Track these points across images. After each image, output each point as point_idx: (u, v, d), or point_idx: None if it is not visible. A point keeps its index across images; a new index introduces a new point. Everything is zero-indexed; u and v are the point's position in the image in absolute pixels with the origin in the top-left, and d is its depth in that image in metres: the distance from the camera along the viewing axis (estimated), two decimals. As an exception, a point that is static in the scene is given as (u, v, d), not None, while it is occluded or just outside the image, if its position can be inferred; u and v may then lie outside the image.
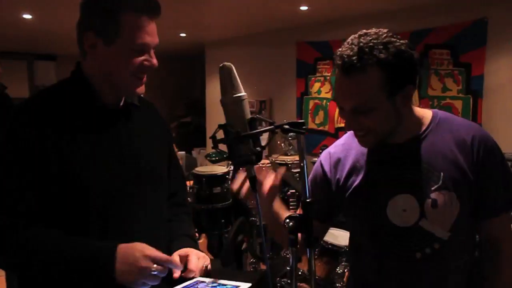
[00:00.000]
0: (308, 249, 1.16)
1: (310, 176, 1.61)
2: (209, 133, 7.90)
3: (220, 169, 4.30)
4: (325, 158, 1.59)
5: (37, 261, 1.33)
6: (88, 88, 1.43)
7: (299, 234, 1.15)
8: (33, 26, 5.77)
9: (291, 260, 1.21)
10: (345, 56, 1.30)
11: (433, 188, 1.38)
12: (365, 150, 1.50)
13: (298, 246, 1.17)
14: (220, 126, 1.21)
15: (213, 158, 4.83)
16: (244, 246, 3.69)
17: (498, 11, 4.17)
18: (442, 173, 1.38)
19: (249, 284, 1.40)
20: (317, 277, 2.72)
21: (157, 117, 1.68)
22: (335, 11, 5.08)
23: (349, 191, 1.50)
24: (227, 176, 4.26)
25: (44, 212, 1.34)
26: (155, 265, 1.31)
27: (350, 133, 1.57)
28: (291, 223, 1.16)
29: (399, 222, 1.41)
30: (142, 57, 1.39)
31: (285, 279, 2.75)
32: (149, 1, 1.37)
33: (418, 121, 1.46)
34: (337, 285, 2.65)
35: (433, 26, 4.52)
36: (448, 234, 1.38)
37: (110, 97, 1.45)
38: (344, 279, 2.67)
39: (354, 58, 1.28)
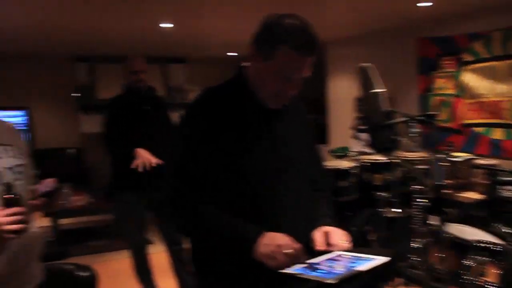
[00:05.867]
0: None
1: None
2: (331, 130, 7.97)
3: (344, 163, 4.41)
4: None
5: (201, 230, 1.67)
6: (247, 89, 1.67)
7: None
8: (170, 34, 6.25)
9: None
10: None
11: None
12: None
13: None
14: (360, 118, 1.41)
15: (338, 154, 4.96)
16: (371, 236, 3.77)
17: None
18: None
19: (388, 258, 1.50)
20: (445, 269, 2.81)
21: (303, 115, 1.88)
22: (458, 5, 4.95)
23: None
24: (352, 171, 4.39)
25: (212, 191, 1.63)
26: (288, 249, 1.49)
27: None
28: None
29: None
30: (286, 83, 1.60)
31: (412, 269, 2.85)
32: (307, 43, 1.57)
33: None
34: (464, 277, 2.71)
35: None
36: None
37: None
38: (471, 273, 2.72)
39: None
